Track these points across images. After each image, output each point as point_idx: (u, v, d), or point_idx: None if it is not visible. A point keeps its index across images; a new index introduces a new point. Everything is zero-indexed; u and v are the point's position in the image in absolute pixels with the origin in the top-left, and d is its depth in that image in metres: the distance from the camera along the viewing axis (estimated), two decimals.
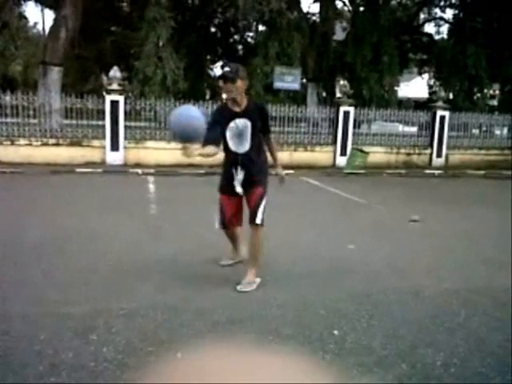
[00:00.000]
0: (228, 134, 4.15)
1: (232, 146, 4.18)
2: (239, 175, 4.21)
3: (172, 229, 6.40)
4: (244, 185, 4.27)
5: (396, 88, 21.71)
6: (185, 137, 3.68)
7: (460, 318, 3.77)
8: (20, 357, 2.96)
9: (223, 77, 4.04)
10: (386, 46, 20.25)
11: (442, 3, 25.10)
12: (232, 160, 4.22)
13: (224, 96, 4.27)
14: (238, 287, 4.20)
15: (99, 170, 11.66)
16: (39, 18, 60.48)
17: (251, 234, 4.36)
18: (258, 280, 4.32)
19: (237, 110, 4.11)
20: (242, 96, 4.10)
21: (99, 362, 2.93)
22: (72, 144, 12.70)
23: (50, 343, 3.14)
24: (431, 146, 15.46)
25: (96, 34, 24.35)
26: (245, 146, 4.17)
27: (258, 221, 4.28)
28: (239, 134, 4.13)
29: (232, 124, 4.10)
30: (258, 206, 4.30)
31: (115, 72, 12.81)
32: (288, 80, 19.16)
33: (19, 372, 2.80)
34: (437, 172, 14.08)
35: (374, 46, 20.10)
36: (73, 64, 23.11)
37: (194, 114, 3.66)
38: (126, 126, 13.01)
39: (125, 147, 12.90)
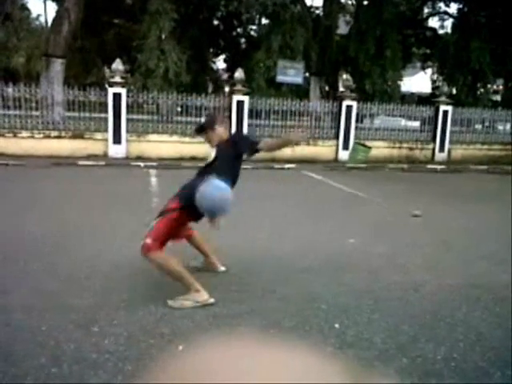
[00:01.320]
0: None
1: None
2: None
3: None
4: None
5: (399, 82, 21.63)
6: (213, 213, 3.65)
7: (461, 313, 3.77)
8: (22, 348, 2.98)
9: (198, 132, 4.22)
10: (390, 40, 20.17)
11: None
12: None
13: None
14: (169, 302, 3.71)
15: (101, 163, 11.67)
16: (42, 10, 60.35)
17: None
18: (201, 299, 3.72)
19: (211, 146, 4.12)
20: (216, 140, 4.07)
21: (101, 354, 2.94)
22: (74, 136, 12.70)
23: (51, 335, 3.15)
24: (434, 140, 15.43)
25: (98, 27, 24.31)
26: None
27: (147, 239, 3.70)
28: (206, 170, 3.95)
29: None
30: (158, 219, 3.82)
31: (118, 64, 12.79)
32: (291, 74, 19.10)
33: (21, 363, 2.81)
34: (439, 167, 14.06)
35: (378, 40, 20.03)
36: (75, 56, 23.05)
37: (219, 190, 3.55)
38: (128, 119, 13.00)
39: (127, 140, 12.89)
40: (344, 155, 14.16)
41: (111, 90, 12.75)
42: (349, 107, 14.47)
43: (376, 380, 0.38)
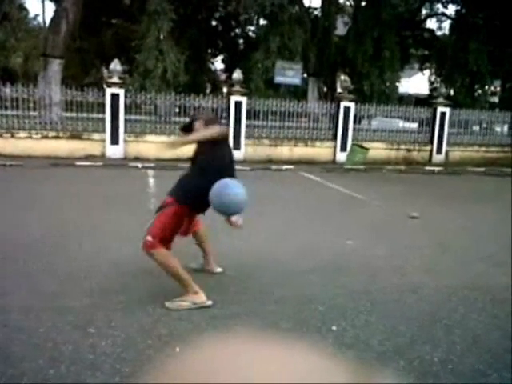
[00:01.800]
0: None
1: None
2: None
3: None
4: None
5: (397, 84, 21.68)
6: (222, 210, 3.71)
7: (458, 315, 3.78)
8: (19, 349, 2.97)
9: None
10: (388, 41, 20.22)
11: None
12: None
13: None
14: (167, 303, 3.71)
15: (99, 164, 11.65)
16: (40, 10, 60.22)
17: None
18: (198, 301, 3.72)
19: None
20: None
21: (98, 355, 2.94)
22: (72, 137, 12.69)
23: (49, 336, 3.15)
24: (431, 142, 15.45)
25: (97, 27, 24.30)
26: None
27: (147, 236, 3.70)
28: None
29: None
30: (155, 215, 3.85)
31: (116, 65, 12.78)
32: (289, 75, 19.12)
33: (19, 364, 2.81)
34: (437, 169, 14.07)
35: (376, 42, 20.07)
36: (73, 56, 23.04)
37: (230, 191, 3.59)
38: (126, 120, 12.99)
39: (125, 141, 12.88)
40: (342, 156, 14.17)
41: (109, 91, 12.73)
42: (346, 108, 14.48)
43: (376, 380, 0.39)
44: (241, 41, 30.30)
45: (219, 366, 0.35)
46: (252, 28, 29.34)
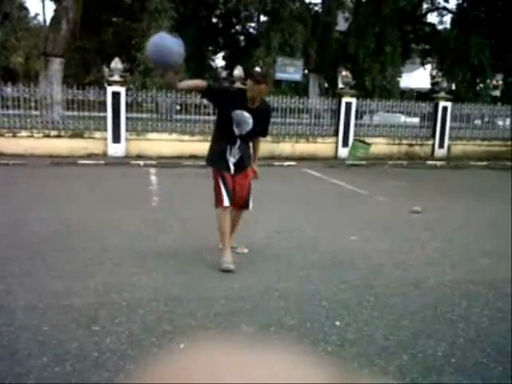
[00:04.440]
0: (234, 117, 4.35)
1: (235, 128, 4.40)
2: (232, 157, 4.44)
3: (174, 221, 6.41)
4: (236, 168, 4.50)
5: (398, 79, 21.58)
6: (161, 64, 4.12)
7: (461, 309, 3.78)
8: (24, 347, 2.99)
9: (259, 77, 4.32)
10: (389, 36, 20.13)
11: None
12: (228, 139, 4.43)
13: (251, 94, 4.34)
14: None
15: (101, 162, 11.67)
16: (40, 9, 60.27)
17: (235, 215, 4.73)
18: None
19: (250, 105, 4.35)
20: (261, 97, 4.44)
21: (102, 353, 2.95)
22: (74, 136, 12.69)
23: (53, 334, 3.17)
24: (433, 137, 15.41)
25: (97, 25, 24.26)
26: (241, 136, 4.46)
27: (251, 206, 4.69)
28: (239, 123, 4.37)
29: (238, 112, 4.33)
30: (250, 193, 4.65)
31: (117, 63, 12.77)
32: (290, 71, 19.09)
33: (24, 362, 2.82)
34: (439, 163, 14.06)
35: (377, 37, 19.99)
36: (74, 55, 23.04)
37: (168, 43, 4.05)
38: (127, 118, 12.99)
39: (126, 139, 12.88)
40: (344, 152, 14.14)
41: (110, 89, 12.72)
42: (348, 104, 14.44)
43: (377, 379, 0.39)
44: (241, 38, 30.24)
45: (222, 365, 0.36)
46: (252, 25, 29.30)
